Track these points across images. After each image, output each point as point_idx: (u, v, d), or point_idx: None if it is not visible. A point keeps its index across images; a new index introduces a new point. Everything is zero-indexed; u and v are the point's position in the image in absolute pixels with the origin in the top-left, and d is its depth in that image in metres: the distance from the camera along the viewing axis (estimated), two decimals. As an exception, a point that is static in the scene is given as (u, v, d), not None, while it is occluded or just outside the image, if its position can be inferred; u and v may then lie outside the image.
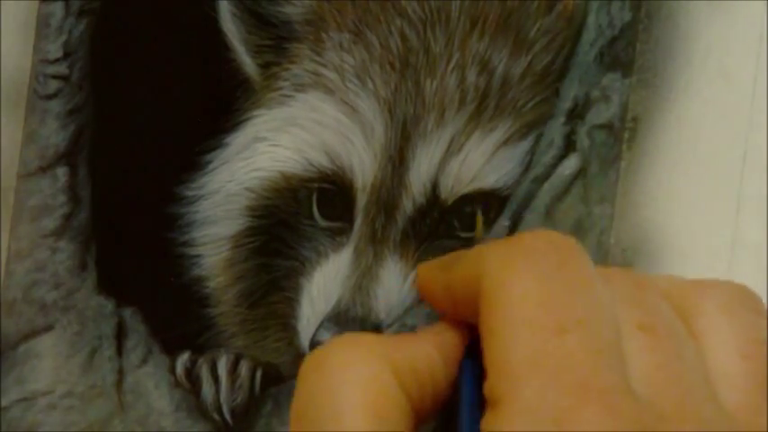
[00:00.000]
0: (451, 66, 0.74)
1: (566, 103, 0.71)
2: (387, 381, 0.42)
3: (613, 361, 0.40)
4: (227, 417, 0.75)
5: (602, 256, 0.70)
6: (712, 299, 0.44)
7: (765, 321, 0.44)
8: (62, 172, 0.77)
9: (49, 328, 0.77)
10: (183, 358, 0.76)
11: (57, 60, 0.77)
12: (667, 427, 0.40)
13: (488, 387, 0.41)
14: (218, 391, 0.75)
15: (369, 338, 0.44)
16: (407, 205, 0.74)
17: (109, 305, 0.77)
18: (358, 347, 0.43)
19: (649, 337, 0.42)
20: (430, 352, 0.44)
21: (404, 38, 0.75)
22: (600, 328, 0.41)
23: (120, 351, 0.77)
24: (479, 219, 0.72)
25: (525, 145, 0.74)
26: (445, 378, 0.44)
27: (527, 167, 0.72)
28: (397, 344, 0.44)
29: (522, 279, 0.41)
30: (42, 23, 0.77)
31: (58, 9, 0.77)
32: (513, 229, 0.71)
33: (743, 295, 0.44)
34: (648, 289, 0.44)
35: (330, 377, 0.42)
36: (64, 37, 0.77)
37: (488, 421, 0.40)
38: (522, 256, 0.42)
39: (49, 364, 0.77)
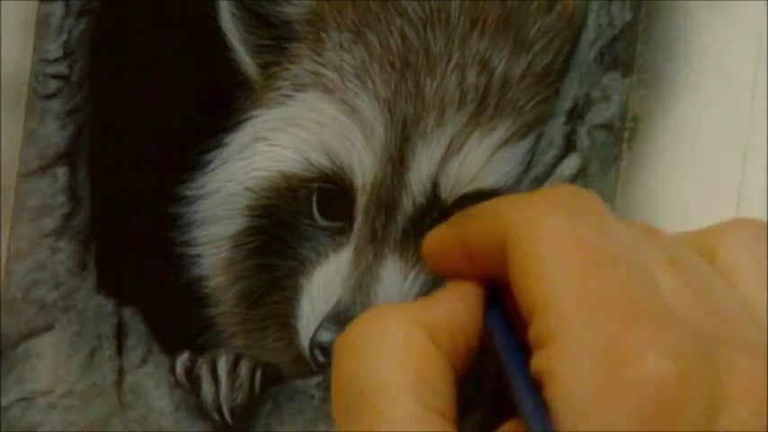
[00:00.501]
0: (451, 66, 0.74)
1: (566, 103, 0.71)
2: (423, 343, 0.43)
3: (653, 290, 0.41)
4: (227, 416, 0.75)
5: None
6: (734, 238, 0.44)
7: None
8: (62, 172, 0.77)
9: (48, 328, 0.77)
10: (183, 358, 0.76)
11: (56, 60, 0.77)
12: (716, 347, 0.40)
13: (533, 331, 0.41)
14: (217, 391, 0.75)
15: (396, 307, 0.44)
16: (407, 205, 0.74)
17: (109, 305, 0.77)
18: (388, 317, 0.43)
19: (679, 270, 0.42)
20: (458, 307, 0.44)
21: (404, 38, 0.75)
22: (633, 262, 0.41)
23: (119, 351, 0.77)
24: None
25: (525, 145, 0.74)
26: (475, 331, 0.45)
27: (527, 167, 0.72)
28: (425, 306, 0.44)
29: (551, 221, 0.42)
30: (42, 23, 0.77)
31: (57, 9, 0.77)
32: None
33: (762, 231, 0.45)
34: (665, 234, 0.44)
35: (367, 351, 0.42)
36: (64, 37, 0.77)
37: (541, 361, 0.40)
38: (547, 202, 0.43)
39: (48, 364, 0.77)
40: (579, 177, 0.70)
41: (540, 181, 0.71)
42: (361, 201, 0.75)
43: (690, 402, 0.39)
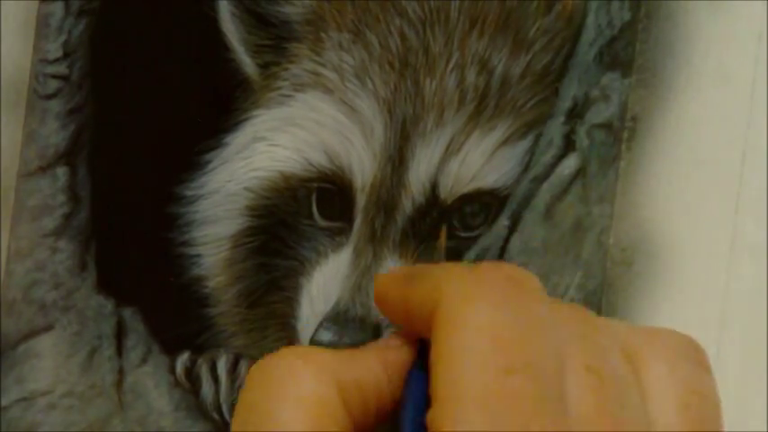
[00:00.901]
0: (451, 65, 0.74)
1: (565, 103, 0.71)
2: (330, 400, 0.43)
3: (555, 404, 0.41)
4: (227, 416, 0.75)
5: (601, 256, 0.70)
6: (658, 349, 0.44)
7: (707, 374, 0.44)
8: (62, 172, 0.77)
9: (48, 328, 0.77)
10: (183, 358, 0.76)
11: (56, 60, 0.77)
12: None
13: (431, 415, 0.41)
14: (217, 391, 0.75)
15: (317, 354, 0.45)
16: (407, 205, 0.75)
17: (108, 305, 0.77)
18: (306, 362, 0.44)
19: (595, 378, 0.42)
20: (377, 370, 0.45)
21: (403, 38, 0.75)
22: (546, 370, 0.41)
23: (119, 351, 0.77)
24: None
25: (525, 144, 0.74)
26: (390, 395, 0.45)
27: (526, 167, 0.72)
28: (345, 361, 0.45)
29: (477, 311, 0.42)
30: (42, 23, 0.77)
31: (57, 9, 0.77)
32: (512, 228, 0.71)
33: (688, 347, 0.45)
34: (601, 331, 0.44)
35: (275, 390, 0.43)
36: (64, 37, 0.77)
37: None
38: (481, 287, 0.43)
39: (48, 364, 0.77)
40: (578, 177, 0.70)
41: (539, 181, 0.71)
42: (361, 201, 0.75)
43: None
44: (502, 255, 0.71)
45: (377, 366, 0.45)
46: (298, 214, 0.77)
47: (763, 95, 0.69)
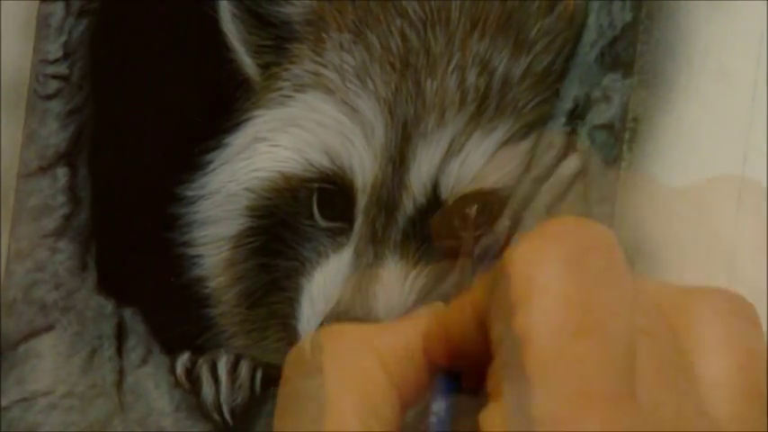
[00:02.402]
0: (452, 66, 0.74)
1: (566, 104, 0.71)
2: (373, 370, 0.43)
3: (623, 368, 0.40)
4: (228, 417, 0.75)
5: (602, 257, 0.70)
6: (708, 307, 0.43)
7: (760, 331, 0.43)
8: (62, 172, 0.77)
9: (49, 329, 0.77)
10: (183, 358, 0.76)
11: (57, 60, 0.77)
12: None
13: (491, 381, 0.41)
14: (218, 392, 0.75)
15: (353, 329, 0.44)
16: (408, 205, 0.75)
17: (109, 305, 0.77)
18: (343, 338, 0.43)
19: (651, 342, 0.41)
20: (413, 338, 0.45)
21: (404, 38, 0.75)
22: (617, 332, 0.40)
23: (120, 351, 0.77)
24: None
25: (526, 145, 0.74)
26: (426, 365, 0.45)
27: (528, 167, 0.72)
28: (381, 332, 0.44)
29: (547, 267, 0.40)
30: (42, 24, 0.77)
31: (58, 9, 0.77)
32: (513, 229, 0.71)
33: (739, 304, 0.44)
34: (643, 293, 0.43)
35: (317, 370, 0.43)
36: (64, 37, 0.77)
37: (487, 417, 0.40)
38: (550, 242, 0.41)
39: (49, 365, 0.77)
40: (579, 178, 0.70)
41: (540, 181, 0.71)
42: (362, 201, 0.75)
43: None
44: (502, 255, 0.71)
45: (412, 334, 0.45)
46: (298, 215, 0.77)
47: (765, 96, 0.69)
